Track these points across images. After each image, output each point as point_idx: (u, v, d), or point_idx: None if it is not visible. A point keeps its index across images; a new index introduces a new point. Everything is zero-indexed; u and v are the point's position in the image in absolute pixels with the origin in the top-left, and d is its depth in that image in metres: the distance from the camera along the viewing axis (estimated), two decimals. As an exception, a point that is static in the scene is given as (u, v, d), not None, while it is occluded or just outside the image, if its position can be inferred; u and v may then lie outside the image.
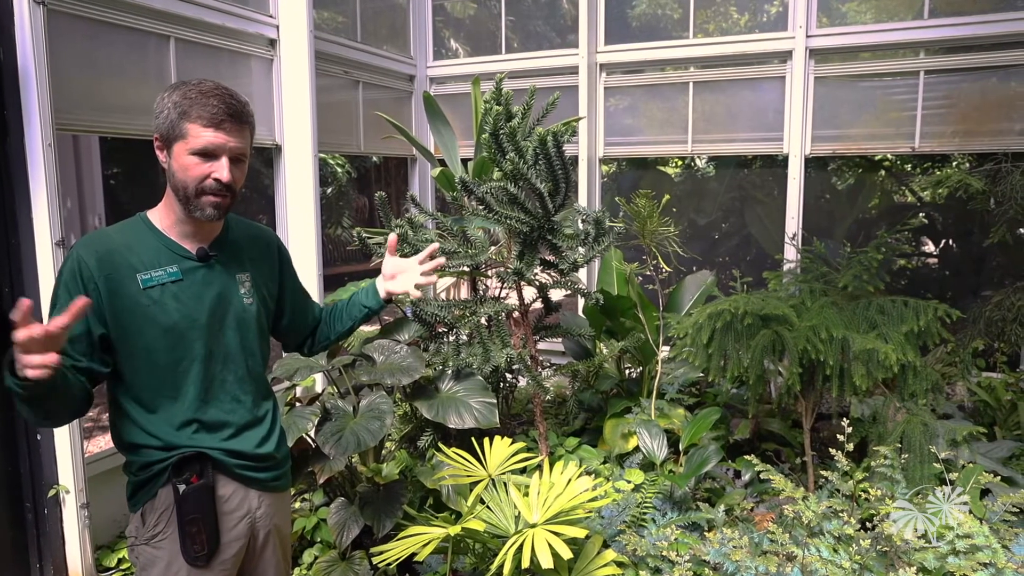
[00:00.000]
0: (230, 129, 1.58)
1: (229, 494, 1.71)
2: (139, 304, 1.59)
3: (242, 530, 1.73)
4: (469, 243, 3.28)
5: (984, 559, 2.20)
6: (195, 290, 1.65)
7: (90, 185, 6.30)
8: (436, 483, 2.92)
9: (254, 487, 1.75)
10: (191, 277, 1.65)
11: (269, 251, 1.86)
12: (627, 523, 2.91)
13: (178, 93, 1.58)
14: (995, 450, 3.39)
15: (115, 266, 1.58)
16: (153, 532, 1.65)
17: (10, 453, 2.90)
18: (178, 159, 1.57)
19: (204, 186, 1.58)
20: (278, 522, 1.84)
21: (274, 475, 1.81)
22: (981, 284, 5.12)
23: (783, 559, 2.29)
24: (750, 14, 4.92)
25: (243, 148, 1.62)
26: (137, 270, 1.60)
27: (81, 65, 3.06)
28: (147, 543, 1.66)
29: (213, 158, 1.58)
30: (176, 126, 1.56)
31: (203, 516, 1.64)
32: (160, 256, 1.63)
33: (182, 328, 1.62)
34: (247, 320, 1.75)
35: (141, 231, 1.65)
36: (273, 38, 4.04)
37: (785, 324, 3.19)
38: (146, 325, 1.60)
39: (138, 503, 1.67)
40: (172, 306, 1.61)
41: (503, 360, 3.04)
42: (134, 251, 1.61)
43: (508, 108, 2.94)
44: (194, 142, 1.55)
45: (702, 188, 6.32)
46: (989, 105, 4.24)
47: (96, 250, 1.58)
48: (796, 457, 3.74)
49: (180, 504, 1.62)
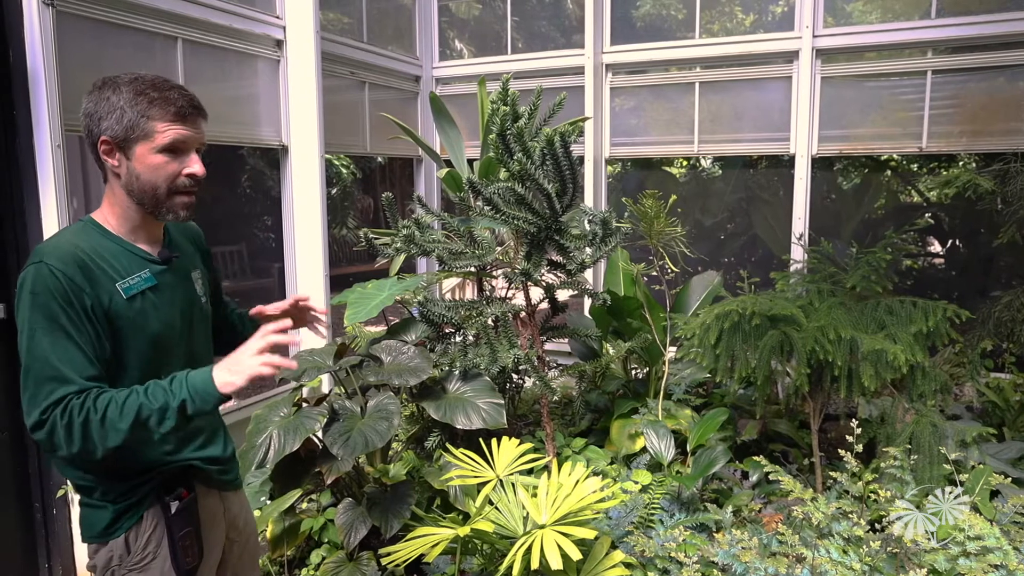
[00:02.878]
0: (195, 121, 1.53)
1: (205, 502, 1.71)
2: (126, 316, 1.50)
3: (220, 535, 1.75)
4: (476, 244, 3.28)
5: (995, 561, 2.18)
6: (167, 295, 1.59)
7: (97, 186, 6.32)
8: (444, 484, 2.92)
9: (225, 489, 1.78)
10: (161, 281, 1.58)
11: (199, 243, 1.81)
12: (635, 524, 2.91)
13: (128, 91, 1.50)
14: (1004, 451, 3.37)
15: (95, 276, 1.46)
16: (142, 555, 1.58)
17: (19, 453, 2.90)
18: (143, 160, 1.48)
19: (177, 184, 1.51)
20: (244, 518, 1.87)
21: (235, 474, 1.84)
22: (989, 284, 5.10)
23: (792, 560, 2.28)
24: (755, 14, 4.91)
25: (205, 140, 1.58)
26: (114, 279, 1.49)
27: (89, 66, 3.06)
28: (133, 567, 1.59)
29: (183, 154, 1.52)
30: (137, 126, 1.47)
31: (195, 528, 1.62)
32: (131, 262, 1.54)
33: (165, 335, 1.57)
34: (206, 318, 1.75)
35: (97, 237, 1.53)
36: (279, 39, 4.05)
37: (793, 325, 3.18)
38: (134, 336, 1.52)
39: (119, 530, 1.57)
40: (153, 314, 1.55)
41: (510, 361, 3.04)
42: (104, 259, 1.50)
43: (515, 108, 2.94)
44: (162, 139, 1.48)
45: (708, 188, 6.31)
46: (997, 105, 4.23)
47: (74, 260, 1.44)
48: (804, 458, 3.73)
49: (171, 522, 1.58)
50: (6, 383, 2.85)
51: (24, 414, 1.42)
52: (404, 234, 3.11)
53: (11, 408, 2.87)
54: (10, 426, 2.87)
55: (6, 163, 2.78)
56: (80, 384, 1.40)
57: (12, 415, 2.87)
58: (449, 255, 3.18)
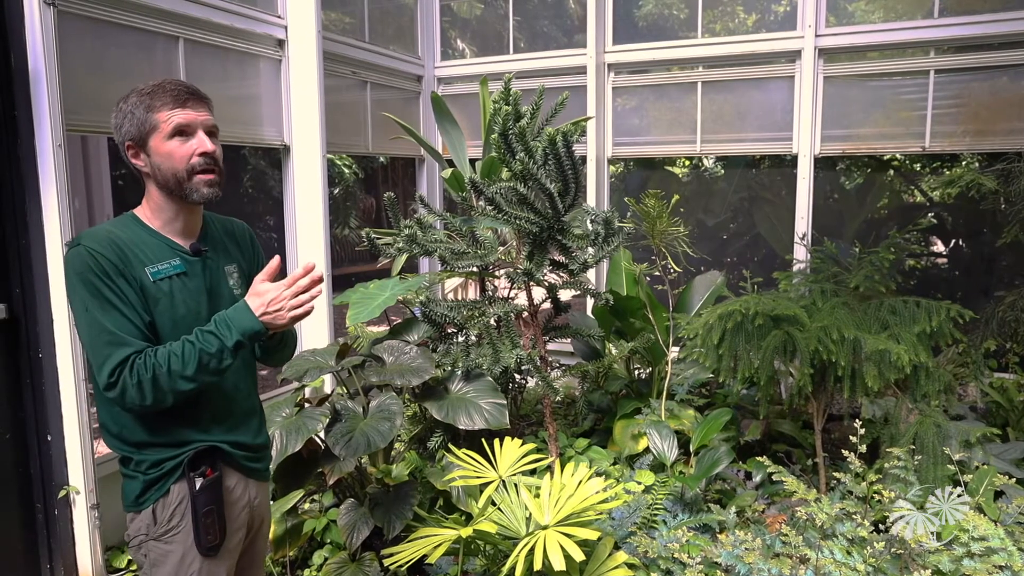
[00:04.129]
0: (195, 104, 1.64)
1: (233, 485, 1.78)
2: (154, 296, 1.63)
3: (244, 519, 1.81)
4: (478, 243, 3.27)
5: (1000, 561, 2.18)
6: (194, 283, 1.70)
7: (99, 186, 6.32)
8: (446, 484, 2.91)
9: (252, 477, 1.84)
10: (191, 270, 1.70)
11: (244, 241, 1.92)
12: (638, 525, 2.90)
13: (132, 97, 1.64)
14: (1008, 451, 3.36)
15: (128, 259, 1.61)
16: (167, 527, 1.68)
17: (21, 454, 2.90)
18: (159, 151, 1.61)
19: (193, 164, 1.62)
20: (266, 510, 1.95)
21: (265, 464, 1.91)
22: (993, 284, 5.08)
23: (796, 561, 2.27)
24: (758, 14, 4.90)
25: (212, 121, 1.69)
26: (145, 264, 1.63)
27: (90, 66, 3.06)
28: (159, 539, 1.69)
29: (191, 136, 1.63)
30: (145, 122, 1.61)
31: (217, 507, 1.70)
32: (161, 251, 1.67)
33: (188, 321, 1.66)
34: None
35: (136, 229, 1.68)
36: (281, 39, 4.05)
37: (796, 325, 3.17)
38: (160, 317, 1.64)
39: (147, 501, 1.68)
40: (179, 298, 1.66)
41: (513, 361, 3.03)
42: (137, 245, 1.64)
43: (517, 108, 2.93)
44: (167, 126, 1.60)
45: (710, 188, 6.30)
46: (1000, 104, 4.21)
47: (110, 244, 1.60)
48: (807, 459, 3.72)
49: (196, 497, 1.66)
50: (7, 384, 2.85)
51: (96, 377, 1.58)
52: (406, 234, 3.11)
53: (13, 408, 2.86)
54: (12, 426, 2.86)
55: (7, 163, 2.78)
56: (137, 345, 1.56)
57: (14, 415, 2.87)
58: (451, 255, 3.17)
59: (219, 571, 1.72)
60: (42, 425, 2.91)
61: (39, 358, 2.87)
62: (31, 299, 2.85)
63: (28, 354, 2.88)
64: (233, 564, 1.80)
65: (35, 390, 2.90)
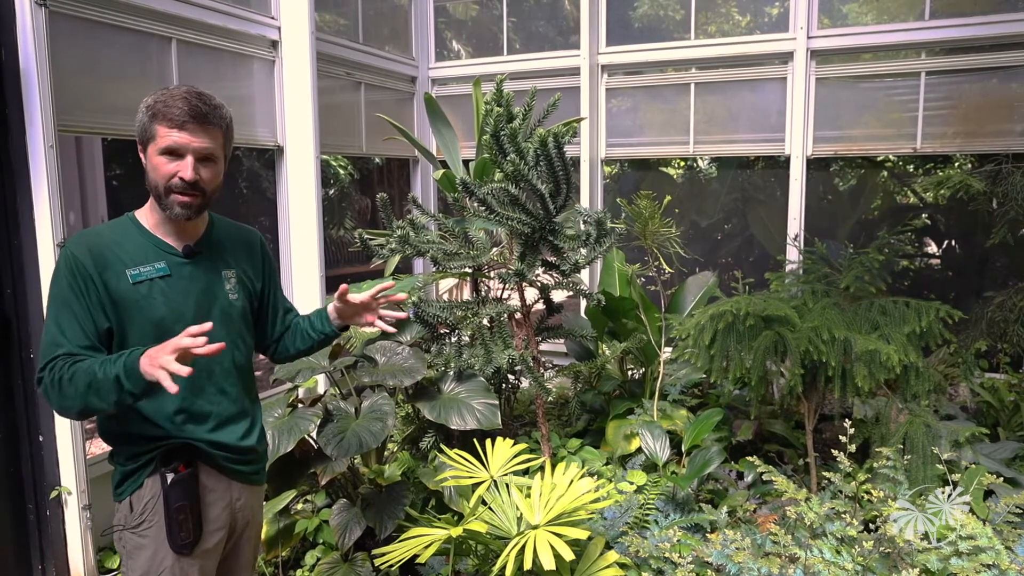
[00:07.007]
0: (193, 130, 1.64)
1: (212, 484, 1.78)
2: (130, 298, 1.66)
3: (224, 520, 1.80)
4: (471, 244, 3.28)
5: (987, 560, 2.19)
6: (182, 285, 1.72)
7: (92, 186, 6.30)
8: (438, 484, 2.92)
9: (236, 479, 1.83)
10: (178, 272, 1.72)
11: (253, 249, 1.93)
12: (630, 525, 2.91)
13: (149, 99, 1.66)
14: (998, 451, 3.38)
15: (107, 262, 1.65)
16: (139, 520, 1.70)
17: (12, 455, 2.90)
18: (150, 159, 1.66)
19: (171, 184, 1.64)
20: (255, 514, 1.93)
21: (254, 468, 1.89)
22: (983, 285, 5.10)
23: (786, 561, 2.28)
24: (751, 15, 4.92)
25: (210, 148, 1.67)
26: (127, 266, 1.66)
27: (83, 67, 3.06)
28: (133, 530, 1.71)
29: (179, 157, 1.64)
30: (148, 128, 1.64)
31: (190, 504, 1.70)
32: (147, 252, 1.70)
33: (169, 322, 1.68)
34: (232, 314, 1.81)
35: (129, 229, 1.72)
36: (275, 39, 4.05)
37: (787, 325, 3.18)
38: (137, 318, 1.66)
39: (124, 492, 1.72)
40: (159, 300, 1.68)
41: (505, 361, 3.04)
42: (123, 247, 1.68)
43: (509, 109, 2.94)
44: (161, 142, 1.63)
45: (704, 189, 6.32)
46: (990, 106, 4.24)
47: (88, 247, 1.65)
48: (799, 458, 3.73)
49: (168, 493, 1.67)
50: (-1, 384, 2.85)
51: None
52: (399, 235, 3.11)
53: (4, 409, 2.86)
54: (3, 427, 2.86)
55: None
56: (70, 348, 1.58)
57: (5, 416, 2.87)
58: (444, 256, 3.18)
59: (191, 571, 1.72)
60: (34, 426, 2.91)
61: (31, 359, 2.87)
62: (22, 300, 2.84)
63: (20, 355, 2.88)
64: (212, 566, 1.79)
65: (26, 391, 2.89)
